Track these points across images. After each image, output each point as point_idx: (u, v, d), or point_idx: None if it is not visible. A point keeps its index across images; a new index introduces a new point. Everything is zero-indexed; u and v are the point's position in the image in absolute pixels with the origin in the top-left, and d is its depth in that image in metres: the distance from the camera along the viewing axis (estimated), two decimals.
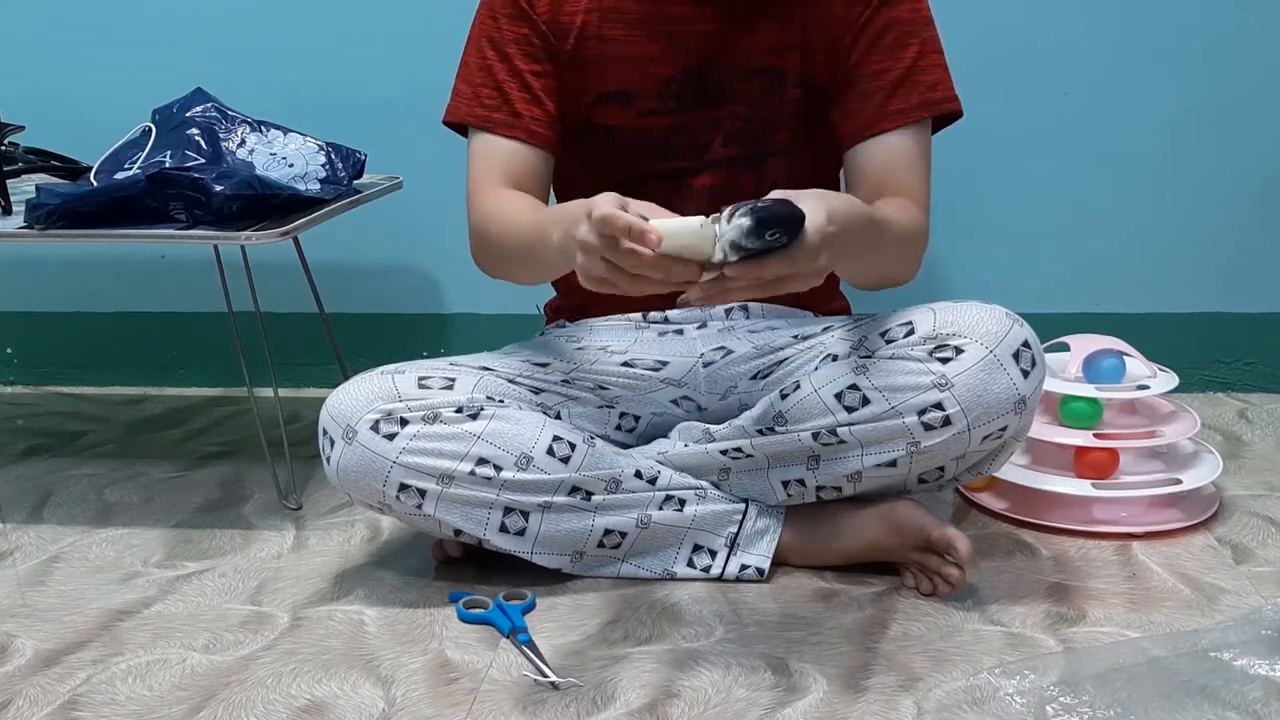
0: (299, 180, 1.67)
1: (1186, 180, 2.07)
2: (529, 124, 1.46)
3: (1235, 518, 1.61)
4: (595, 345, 1.53)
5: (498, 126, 1.46)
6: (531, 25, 1.46)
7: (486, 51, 1.48)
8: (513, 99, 1.46)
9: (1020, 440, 1.42)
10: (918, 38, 1.45)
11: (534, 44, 1.46)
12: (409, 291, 2.20)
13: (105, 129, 1.71)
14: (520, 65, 1.46)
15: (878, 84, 1.45)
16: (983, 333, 1.34)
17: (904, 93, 1.45)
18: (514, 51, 1.46)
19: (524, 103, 1.46)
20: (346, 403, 1.38)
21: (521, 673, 1.27)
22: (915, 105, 1.45)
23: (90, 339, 2.27)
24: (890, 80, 1.44)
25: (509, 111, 1.46)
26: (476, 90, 1.48)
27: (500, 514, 1.39)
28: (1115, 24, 2.02)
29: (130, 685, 1.26)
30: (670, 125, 1.48)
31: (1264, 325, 2.11)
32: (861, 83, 1.45)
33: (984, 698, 1.20)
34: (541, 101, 1.47)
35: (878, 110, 1.45)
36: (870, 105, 1.45)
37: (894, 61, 1.45)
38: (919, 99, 1.45)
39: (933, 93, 1.46)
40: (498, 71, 1.47)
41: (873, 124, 1.45)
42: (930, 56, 1.46)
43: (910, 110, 1.45)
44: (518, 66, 1.46)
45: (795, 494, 1.44)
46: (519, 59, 1.46)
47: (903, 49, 1.45)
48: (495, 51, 1.47)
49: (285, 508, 1.70)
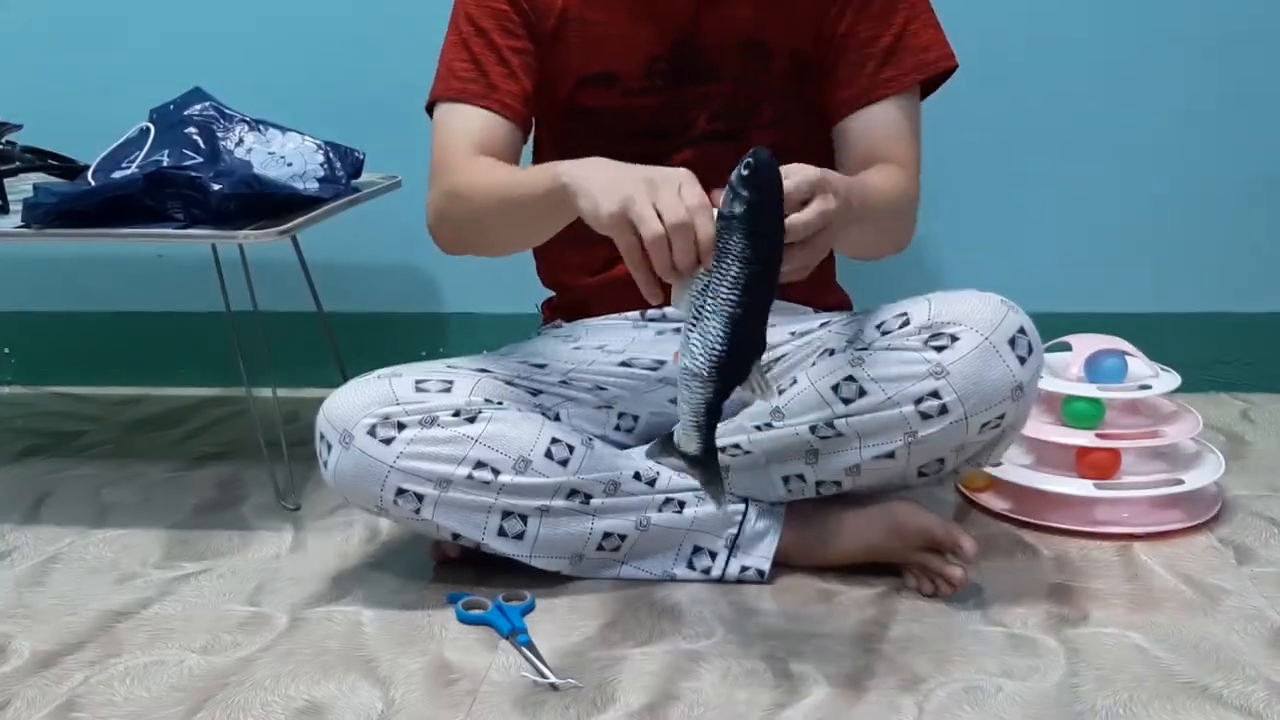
0: (297, 179, 1.66)
1: (1189, 180, 2.06)
2: (505, 97, 1.44)
3: (1238, 518, 1.61)
4: (592, 345, 1.53)
5: (472, 97, 1.43)
6: (511, 2, 1.44)
7: (464, 28, 1.46)
8: (489, 71, 1.44)
9: (1018, 429, 1.40)
10: (905, 1, 1.44)
11: (513, 20, 1.44)
12: (408, 291, 2.19)
13: (103, 128, 1.71)
14: (498, 40, 1.44)
15: (869, 52, 1.44)
16: (978, 320, 1.33)
17: (897, 59, 1.44)
18: (491, 26, 1.44)
19: (501, 77, 1.44)
20: (343, 407, 1.38)
21: (521, 674, 1.27)
22: (908, 70, 1.44)
23: (88, 339, 2.26)
24: (882, 48, 1.44)
25: (485, 83, 1.44)
26: (451, 66, 1.46)
27: (499, 518, 1.39)
28: (1116, 23, 2.02)
29: (128, 686, 1.26)
30: (658, 104, 1.47)
31: (1266, 325, 2.10)
32: (851, 52, 1.44)
33: (985, 699, 1.20)
34: (518, 77, 1.44)
35: (870, 79, 1.44)
36: (863, 74, 1.44)
37: (884, 28, 1.44)
38: (912, 62, 1.44)
39: (926, 54, 1.45)
40: (474, 46, 1.44)
41: (866, 93, 1.44)
42: (920, 18, 1.45)
43: (904, 76, 1.44)
44: (495, 41, 1.44)
45: (795, 489, 1.43)
46: (496, 34, 1.44)
47: (892, 13, 1.44)
48: (472, 27, 1.45)
49: (284, 508, 1.69)
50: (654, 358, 1.51)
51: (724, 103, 1.48)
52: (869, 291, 1.63)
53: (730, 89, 1.47)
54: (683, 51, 1.45)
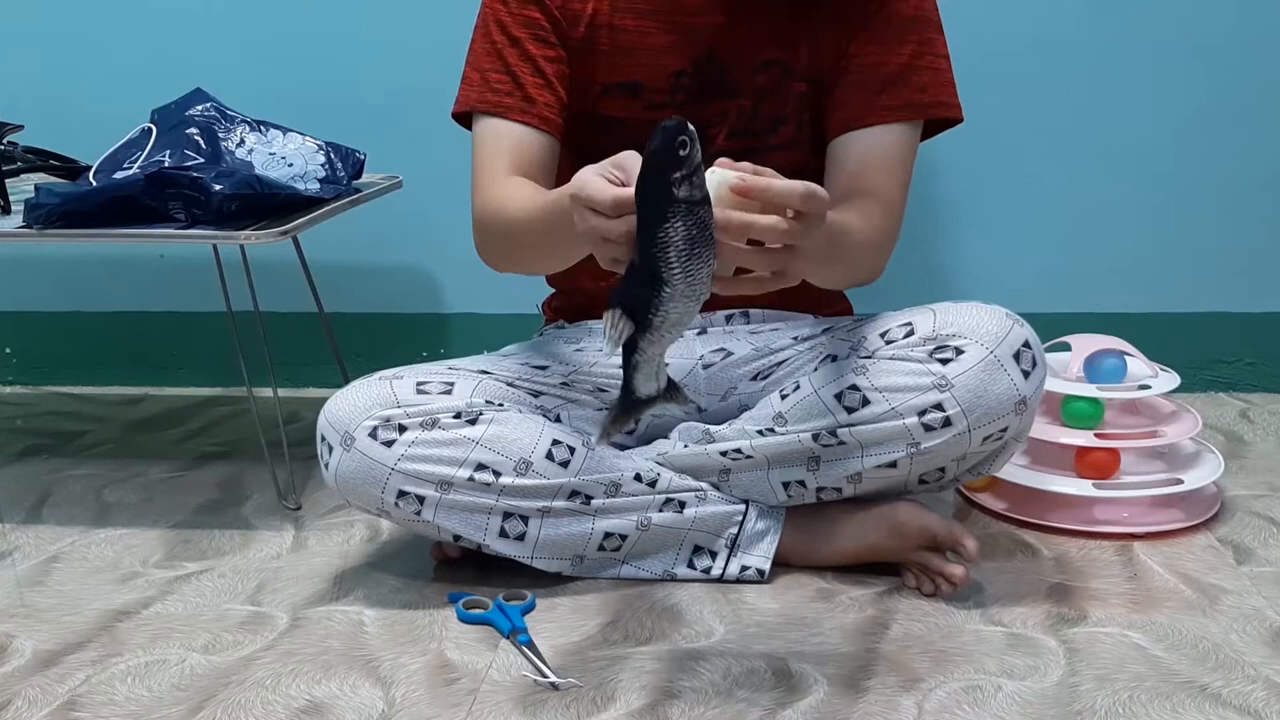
0: (298, 180, 1.66)
1: (1188, 179, 2.06)
2: (542, 109, 1.43)
3: (1237, 518, 1.61)
4: (594, 347, 1.53)
5: (510, 111, 1.43)
6: (542, 9, 1.43)
7: (496, 36, 1.44)
8: (525, 84, 1.43)
9: (1021, 441, 1.41)
10: (916, 35, 1.43)
11: (545, 28, 1.43)
12: (409, 291, 2.19)
13: (104, 129, 1.71)
14: (532, 50, 1.43)
15: (871, 77, 1.43)
16: (983, 333, 1.33)
17: (895, 90, 1.43)
18: (524, 35, 1.43)
19: (537, 87, 1.43)
20: (344, 409, 1.38)
21: (521, 673, 1.27)
22: (904, 104, 1.43)
23: (89, 339, 2.26)
24: (884, 75, 1.43)
25: (522, 96, 1.43)
26: (486, 76, 1.44)
27: (500, 519, 1.39)
28: (1116, 23, 2.02)
29: (129, 686, 1.26)
30: None
31: (1266, 325, 2.10)
32: (855, 73, 1.44)
33: (985, 698, 1.20)
34: (554, 87, 1.44)
35: (867, 103, 1.43)
36: (861, 98, 1.43)
37: (890, 55, 1.43)
38: (909, 98, 1.43)
39: (923, 95, 1.43)
40: (509, 56, 1.43)
41: (860, 116, 1.43)
42: (928, 58, 1.44)
43: (898, 109, 1.43)
44: (529, 51, 1.43)
45: (795, 495, 1.44)
46: (530, 43, 1.43)
47: (900, 44, 1.43)
48: (504, 36, 1.44)
49: (284, 508, 1.70)
50: None
51: (743, 120, 1.47)
52: (870, 292, 1.63)
53: (750, 107, 1.46)
54: (706, 66, 1.45)
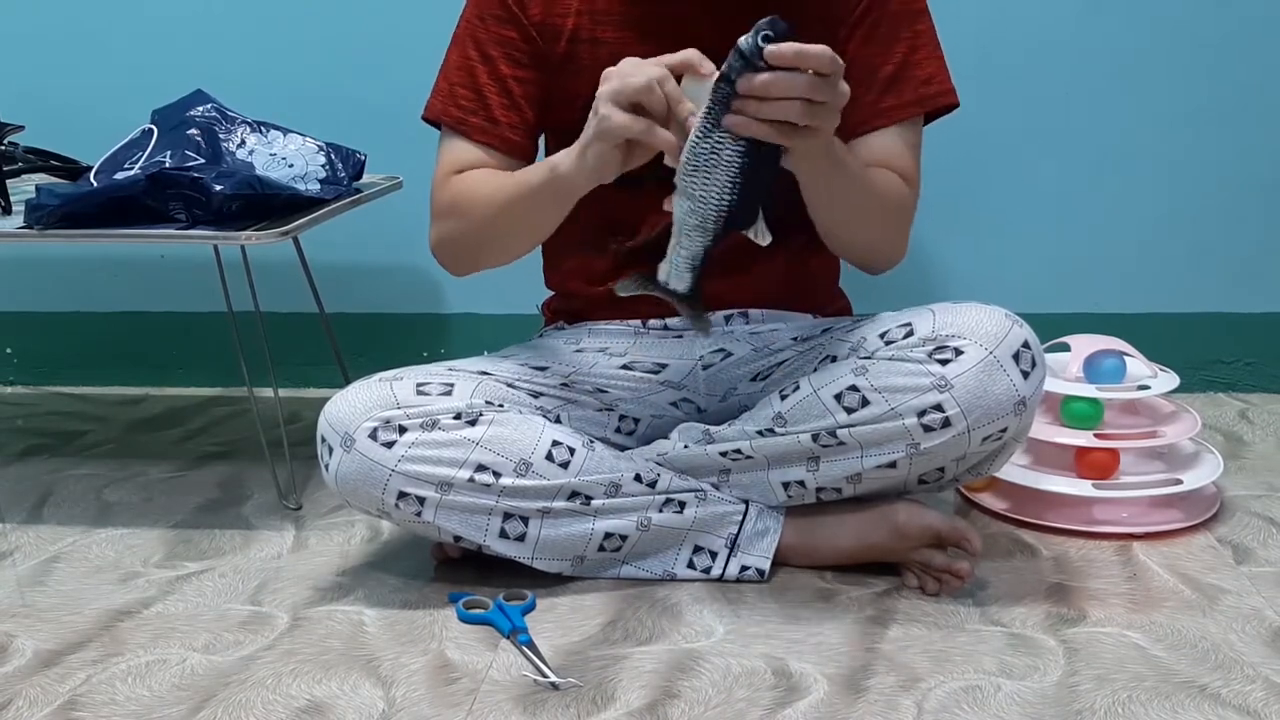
0: (299, 180, 1.67)
1: (1188, 180, 2.07)
2: (504, 130, 1.44)
3: (1236, 518, 1.61)
4: (594, 348, 1.53)
5: (473, 131, 1.44)
6: (520, 29, 1.44)
7: (469, 52, 1.45)
8: (490, 104, 1.44)
9: (1020, 441, 1.42)
10: (909, 30, 1.43)
11: (521, 48, 1.44)
12: (409, 291, 2.20)
13: (105, 129, 1.71)
14: (503, 69, 1.44)
15: (872, 79, 1.42)
16: (982, 334, 1.34)
17: (897, 89, 1.43)
18: (497, 54, 1.44)
19: (502, 109, 1.44)
20: (345, 410, 1.38)
21: (521, 673, 1.27)
22: (909, 101, 1.43)
23: (90, 339, 2.27)
24: (884, 76, 1.43)
25: (485, 116, 1.44)
26: (454, 90, 1.45)
27: (500, 520, 1.39)
28: (1116, 23, 2.02)
29: (130, 685, 1.26)
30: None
31: (1265, 325, 2.11)
32: (854, 76, 1.43)
33: (984, 698, 1.20)
34: (520, 108, 1.44)
35: (871, 107, 1.43)
36: (863, 102, 1.42)
37: (886, 56, 1.43)
38: (913, 95, 1.43)
39: (927, 87, 1.44)
40: (479, 74, 1.44)
41: (866, 121, 1.43)
42: (924, 49, 1.44)
43: (904, 106, 1.43)
44: (500, 71, 1.44)
45: (795, 495, 1.44)
46: (503, 63, 1.44)
47: (895, 42, 1.43)
48: (478, 52, 1.44)
49: (285, 508, 1.70)
50: (655, 360, 1.51)
51: None
52: (869, 291, 1.63)
53: None
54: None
